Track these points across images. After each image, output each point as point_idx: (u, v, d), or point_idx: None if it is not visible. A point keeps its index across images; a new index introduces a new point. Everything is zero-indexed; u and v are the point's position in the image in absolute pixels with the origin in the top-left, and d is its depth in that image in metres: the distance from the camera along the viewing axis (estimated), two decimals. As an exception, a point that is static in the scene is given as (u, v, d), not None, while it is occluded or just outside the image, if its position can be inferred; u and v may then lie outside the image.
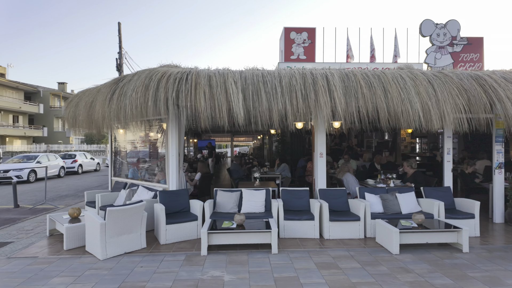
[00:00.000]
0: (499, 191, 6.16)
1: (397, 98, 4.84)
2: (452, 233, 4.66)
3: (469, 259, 4.30)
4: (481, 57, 11.32)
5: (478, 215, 5.33)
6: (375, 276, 3.77)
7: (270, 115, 4.89)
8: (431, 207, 5.38)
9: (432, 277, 3.73)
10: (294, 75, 5.18)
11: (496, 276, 3.76)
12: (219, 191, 5.68)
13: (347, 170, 7.05)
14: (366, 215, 5.33)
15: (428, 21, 10.49)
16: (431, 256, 4.41)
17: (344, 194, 5.84)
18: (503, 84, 5.09)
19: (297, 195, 5.78)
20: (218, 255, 4.46)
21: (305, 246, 4.86)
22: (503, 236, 5.40)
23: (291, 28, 10.94)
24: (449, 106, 4.89)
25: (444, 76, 5.18)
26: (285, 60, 11.02)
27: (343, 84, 5.03)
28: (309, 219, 5.27)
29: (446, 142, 6.11)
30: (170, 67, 5.39)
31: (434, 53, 10.77)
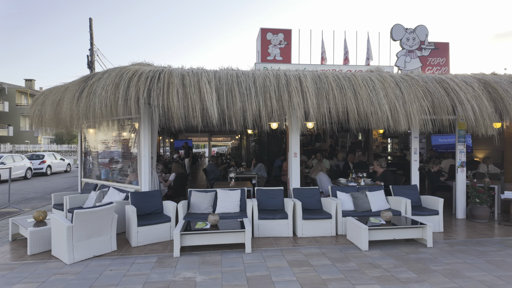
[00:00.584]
0: (461, 188, 6.53)
1: (366, 100, 5.02)
2: (417, 229, 4.89)
3: (432, 254, 4.52)
4: (447, 61, 11.92)
5: (441, 212, 5.62)
6: (345, 272, 3.89)
7: (244, 115, 4.91)
8: (399, 204, 5.62)
9: (398, 272, 3.90)
10: (268, 76, 5.23)
11: (456, 269, 3.99)
12: (193, 191, 5.63)
13: (320, 169, 7.21)
14: (338, 213, 5.48)
15: (399, 25, 10.91)
16: (398, 252, 4.60)
17: (317, 193, 5.96)
18: (464, 88, 5.40)
19: (272, 195, 5.84)
20: (191, 256, 4.42)
21: (278, 245, 4.92)
22: (464, 231, 5.72)
23: (268, 29, 11.01)
24: (415, 108, 5.12)
25: (410, 79, 5.42)
26: (261, 60, 11.07)
27: (315, 86, 5.14)
28: (283, 218, 5.34)
29: (413, 142, 6.40)
30: (142, 65, 5.28)
31: (404, 56, 11.21)
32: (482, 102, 5.33)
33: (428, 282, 3.62)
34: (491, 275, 3.81)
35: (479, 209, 6.19)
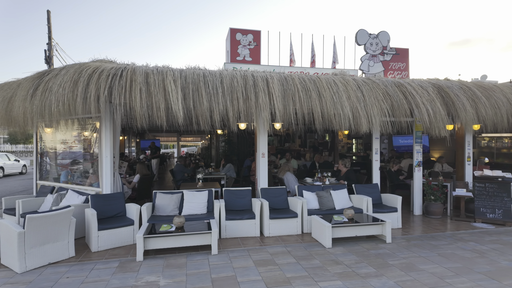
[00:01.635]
0: (418, 186, 6.94)
1: (330, 102, 5.18)
2: (377, 226, 5.12)
3: (390, 249, 4.77)
4: (407, 66, 12.62)
5: (400, 209, 5.94)
6: (308, 269, 3.99)
7: (211, 115, 4.87)
8: (361, 202, 5.86)
9: (359, 267, 4.06)
10: (236, 76, 5.23)
11: (411, 263, 4.23)
12: (159, 193, 5.49)
13: (287, 169, 7.33)
14: (304, 211, 5.60)
15: (363, 30, 11.37)
16: (359, 248, 4.80)
17: (284, 192, 6.06)
18: (420, 92, 5.75)
19: (240, 195, 5.85)
20: (155, 260, 4.30)
21: (245, 245, 4.93)
22: (421, 226, 6.09)
23: (237, 29, 11.00)
24: (375, 110, 5.37)
25: (372, 82, 5.68)
26: (231, 61, 11.04)
27: (282, 88, 5.21)
28: (250, 218, 5.36)
29: (374, 143, 6.70)
30: (103, 62, 5.06)
31: (368, 60, 11.70)
32: (436, 106, 5.71)
33: (386, 276, 3.81)
34: (441, 267, 4.09)
35: (433, 206, 6.62)
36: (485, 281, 3.67)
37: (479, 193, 6.29)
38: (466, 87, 6.20)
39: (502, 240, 5.19)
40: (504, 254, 4.54)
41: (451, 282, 3.65)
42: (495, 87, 6.50)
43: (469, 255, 4.49)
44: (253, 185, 7.50)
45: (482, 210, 6.25)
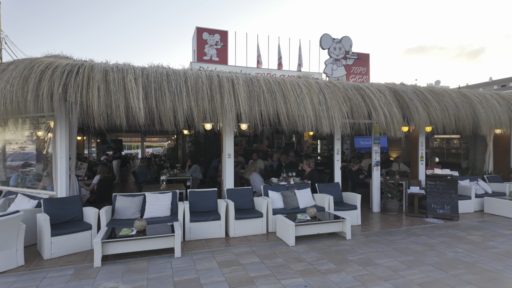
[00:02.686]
0: (376, 185, 7.32)
1: (294, 104, 5.31)
2: (338, 223, 5.33)
3: (350, 245, 4.98)
4: (368, 71, 13.26)
5: (359, 206, 6.22)
6: (272, 268, 4.05)
7: (175, 115, 4.77)
8: (323, 201, 6.06)
9: (320, 264, 4.20)
10: (201, 76, 5.18)
11: (369, 258, 4.46)
12: (119, 196, 5.28)
13: (254, 169, 7.39)
14: (269, 211, 5.68)
15: (327, 35, 11.78)
16: (321, 245, 4.96)
17: (250, 192, 6.10)
18: (377, 95, 6.08)
19: (205, 196, 5.79)
20: (114, 265, 4.13)
21: (210, 246, 4.89)
22: (379, 223, 6.43)
23: (204, 28, 10.90)
24: (336, 112, 5.58)
25: (333, 85, 5.90)
26: (197, 60, 10.91)
27: (247, 89, 5.25)
28: (215, 219, 5.33)
29: (335, 144, 6.97)
30: (58, 58, 4.76)
31: (331, 64, 12.13)
32: (392, 109, 6.06)
33: (345, 271, 3.97)
34: (396, 260, 4.35)
35: (390, 203, 7.02)
36: (434, 272, 3.96)
37: (431, 191, 6.77)
38: (419, 92, 6.65)
39: (450, 233, 5.63)
40: (451, 246, 4.93)
41: (403, 274, 3.89)
42: (444, 92, 7.04)
43: (420, 249, 4.82)
44: (220, 186, 7.46)
45: (433, 206, 6.74)
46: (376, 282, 3.66)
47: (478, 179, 7.91)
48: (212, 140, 12.68)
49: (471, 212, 7.20)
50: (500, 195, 7.40)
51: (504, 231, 5.72)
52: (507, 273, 3.92)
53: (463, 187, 7.37)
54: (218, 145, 13.59)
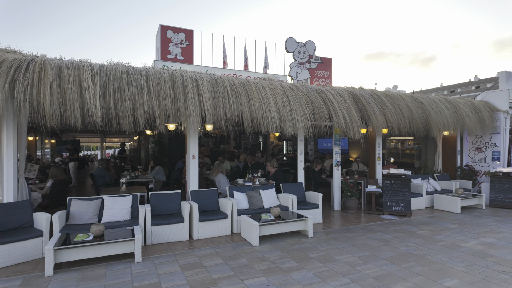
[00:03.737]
0: (337, 184, 7.62)
1: (258, 106, 5.37)
2: (301, 222, 5.48)
3: (312, 243, 5.14)
4: (330, 75, 13.75)
5: (321, 205, 6.44)
6: (235, 269, 4.06)
7: (134, 115, 4.61)
8: (287, 200, 6.19)
9: (282, 262, 4.29)
10: (163, 75, 5.06)
11: (329, 254, 4.63)
12: (74, 200, 4.99)
13: (220, 171, 7.35)
14: (234, 212, 5.69)
15: (292, 39, 12.04)
16: (284, 244, 5.06)
17: (215, 194, 6.06)
18: (337, 98, 6.34)
19: (168, 199, 5.66)
20: (68, 273, 3.90)
21: (173, 250, 4.79)
22: (339, 220, 6.70)
23: (168, 26, 10.64)
24: (299, 114, 5.74)
25: (296, 88, 6.06)
26: (161, 58, 10.62)
27: (212, 89, 5.22)
28: (178, 222, 5.23)
29: (299, 145, 7.15)
30: (4, 51, 4.40)
31: (296, 67, 12.42)
32: (351, 112, 6.35)
33: (306, 268, 4.10)
34: (354, 256, 4.56)
35: (350, 201, 7.35)
36: (387, 265, 4.22)
37: (386, 189, 7.19)
38: (376, 96, 7.03)
39: (403, 229, 6.02)
40: (404, 241, 5.27)
41: (360, 269, 4.10)
42: (399, 96, 7.52)
43: (376, 244, 5.10)
44: (184, 188, 7.33)
45: (389, 204, 7.16)
46: (335, 278, 3.82)
47: (429, 177, 8.54)
48: (176, 141, 12.39)
49: (423, 209, 7.75)
50: (448, 192, 8.05)
51: (450, 225, 6.23)
52: (451, 263, 4.28)
53: (415, 185, 7.92)
54: (183, 146, 13.33)
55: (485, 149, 8.93)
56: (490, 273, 3.95)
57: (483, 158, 8.97)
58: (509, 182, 7.75)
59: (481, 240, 5.30)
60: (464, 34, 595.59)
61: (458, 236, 5.53)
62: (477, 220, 6.65)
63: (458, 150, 9.42)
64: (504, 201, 7.79)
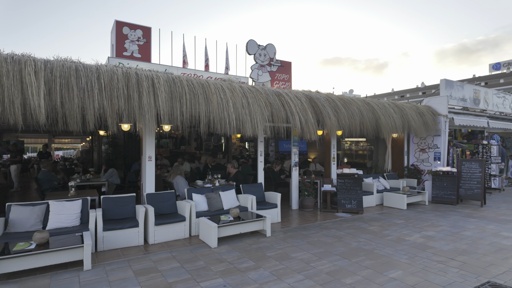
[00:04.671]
0: (295, 184, 7.84)
1: (217, 107, 5.35)
2: (259, 222, 5.55)
3: (269, 242, 5.24)
4: (290, 78, 14.11)
5: (279, 204, 6.59)
6: (192, 271, 4.01)
7: (83, 114, 4.36)
8: (247, 201, 6.24)
9: (240, 263, 4.32)
10: (116, 73, 4.84)
11: (285, 253, 4.75)
12: (14, 206, 4.57)
13: (178, 173, 7.20)
14: (192, 214, 5.60)
15: (253, 41, 12.16)
16: (243, 244, 5.10)
17: (172, 196, 5.92)
18: (295, 101, 6.53)
19: (122, 202, 5.41)
20: (5, 286, 3.56)
21: (126, 255, 4.59)
22: (297, 219, 6.89)
23: (124, 22, 10.19)
24: (259, 116, 5.82)
25: (256, 90, 6.14)
26: (116, 55, 10.13)
27: (169, 89, 5.10)
28: (133, 227, 5.03)
29: (259, 146, 7.26)
30: None
31: (257, 70, 12.57)
32: (308, 114, 6.58)
33: (263, 267, 4.17)
34: (309, 253, 4.73)
35: (307, 200, 7.60)
36: (340, 261, 4.43)
37: (340, 188, 7.55)
38: (331, 99, 7.36)
39: (355, 225, 6.36)
40: (355, 237, 5.58)
41: (314, 265, 4.26)
42: (352, 100, 7.94)
43: (330, 241, 5.33)
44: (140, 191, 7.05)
45: (343, 202, 7.53)
46: (290, 275, 3.93)
47: (379, 177, 9.13)
48: (133, 142, 11.89)
49: (373, 206, 8.26)
50: (396, 190, 8.66)
51: (397, 221, 6.72)
52: (397, 256, 4.62)
53: (367, 184, 8.41)
54: (140, 147, 12.82)
55: (428, 150, 9.76)
56: (429, 263, 4.33)
57: (427, 158, 9.79)
58: (448, 180, 8.55)
59: (423, 233, 5.78)
60: (412, 43, 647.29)
61: (404, 230, 5.98)
62: (421, 215, 7.25)
63: (405, 151, 10.19)
64: (444, 197, 8.57)
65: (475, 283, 3.73)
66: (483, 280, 3.79)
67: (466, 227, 6.17)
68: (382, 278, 3.85)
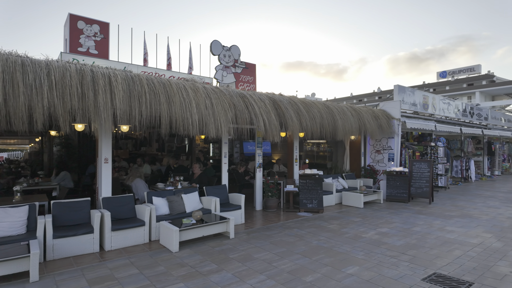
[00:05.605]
0: (259, 185, 7.91)
1: (179, 107, 5.23)
2: (222, 224, 5.51)
3: (233, 244, 5.22)
4: (255, 80, 14.23)
5: (243, 206, 6.60)
6: (151, 277, 3.86)
7: (31, 113, 4.02)
8: (210, 203, 6.17)
9: (202, 266, 4.25)
10: (69, 69, 4.53)
11: (248, 254, 4.76)
12: None
13: (137, 175, 6.92)
14: (152, 218, 5.41)
15: (217, 42, 12.07)
16: (205, 247, 5.03)
17: (131, 200, 5.67)
18: (259, 103, 6.59)
19: (75, 208, 5.07)
20: None
21: (79, 264, 4.31)
22: (260, 220, 6.95)
23: (79, 16, 9.59)
24: (222, 117, 5.78)
25: (220, 91, 6.10)
26: (70, 51, 9.51)
27: (127, 87, 4.88)
28: (87, 233, 4.74)
29: (223, 147, 7.22)
30: None
31: (221, 71, 12.48)
32: (271, 116, 6.67)
33: (226, 270, 4.14)
34: (271, 253, 4.79)
35: (270, 201, 7.70)
36: (301, 259, 4.54)
37: (302, 188, 7.75)
38: (293, 102, 7.54)
39: (316, 224, 6.56)
40: (316, 235, 5.75)
41: (276, 265, 4.32)
42: (313, 104, 8.20)
43: (292, 240, 5.45)
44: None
45: (304, 202, 7.73)
46: (253, 276, 3.95)
47: (338, 177, 9.51)
48: (88, 143, 11.21)
49: (333, 205, 8.59)
50: (354, 190, 9.08)
51: (355, 219, 7.04)
52: (354, 253, 4.84)
53: (327, 184, 8.72)
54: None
55: (383, 151, 10.37)
56: (383, 258, 4.59)
57: (382, 159, 10.39)
58: (401, 180, 9.15)
59: (378, 230, 6.12)
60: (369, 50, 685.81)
61: (361, 228, 6.29)
62: (376, 213, 7.67)
63: (362, 152, 10.73)
64: (397, 195, 9.15)
65: (423, 275, 4.02)
66: (430, 272, 4.10)
67: (416, 223, 6.64)
68: (340, 275, 4.01)
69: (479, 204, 8.65)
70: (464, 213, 7.55)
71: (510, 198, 9.71)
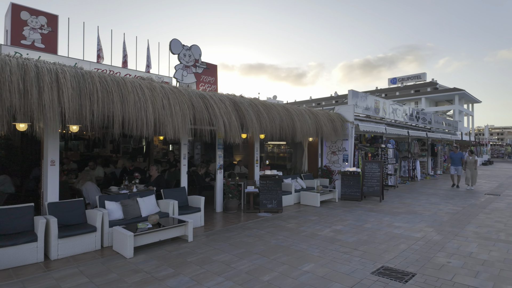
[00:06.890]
0: (219, 186, 7.86)
1: (134, 106, 5.03)
2: (180, 227, 5.39)
3: (191, 247, 5.13)
4: (216, 81, 14.13)
5: (203, 208, 6.51)
6: (102, 286, 3.66)
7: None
8: (168, 206, 6.00)
9: (158, 271, 4.12)
10: (9, 63, 4.15)
11: (207, 256, 4.71)
12: None
13: (88, 178, 6.52)
14: (104, 224, 5.13)
15: (176, 40, 11.79)
16: (162, 252, 4.88)
17: (81, 205, 5.32)
18: (219, 104, 6.56)
19: (15, 214, 4.64)
20: None
21: (20, 276, 3.95)
22: (220, 221, 6.91)
23: (23, 6, 8.81)
24: (180, 118, 5.66)
25: (178, 91, 5.97)
26: (12, 43, 8.70)
27: (77, 85, 4.59)
28: (29, 241, 4.36)
29: (182, 149, 7.06)
30: None
31: (181, 70, 12.22)
32: (231, 118, 6.68)
33: (183, 274, 4.06)
34: (230, 254, 4.79)
35: (231, 202, 7.69)
36: (259, 259, 4.60)
37: (262, 189, 7.86)
38: (254, 104, 7.62)
39: (275, 224, 6.69)
40: (275, 235, 5.86)
41: (235, 266, 4.33)
42: (273, 106, 8.35)
43: (251, 240, 5.49)
44: (40, 200, 6.14)
45: (264, 202, 7.84)
46: (211, 278, 3.92)
47: (297, 177, 9.78)
48: (32, 144, 10.31)
49: (292, 205, 8.81)
50: (311, 189, 9.40)
51: (312, 218, 7.29)
52: (310, 250, 5.01)
53: (286, 184, 8.93)
54: (44, 150, 11.18)
55: (338, 153, 10.87)
56: (337, 255, 4.82)
57: (337, 160, 10.89)
58: (354, 179, 9.66)
59: (333, 228, 6.40)
60: (327, 56, 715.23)
61: (317, 226, 6.53)
62: (332, 211, 8.01)
63: (319, 153, 11.15)
64: (351, 194, 9.65)
65: (372, 268, 4.29)
66: (378, 266, 4.39)
67: (368, 220, 7.05)
68: (296, 272, 4.13)
69: (423, 201, 9.43)
70: (410, 210, 8.18)
71: (449, 195, 10.73)
